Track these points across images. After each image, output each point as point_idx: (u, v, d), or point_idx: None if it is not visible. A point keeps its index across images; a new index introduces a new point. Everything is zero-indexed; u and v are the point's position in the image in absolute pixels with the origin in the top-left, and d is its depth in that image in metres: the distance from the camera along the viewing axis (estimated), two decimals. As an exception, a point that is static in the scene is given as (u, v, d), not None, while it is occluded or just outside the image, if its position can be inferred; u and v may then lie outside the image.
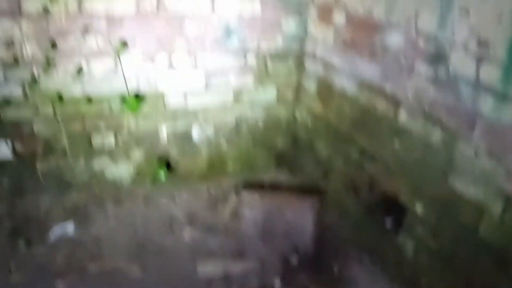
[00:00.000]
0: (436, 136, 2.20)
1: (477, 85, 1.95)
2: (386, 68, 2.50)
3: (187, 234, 2.87)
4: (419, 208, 2.35)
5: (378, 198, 2.62)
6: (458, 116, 2.06)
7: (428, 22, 2.18)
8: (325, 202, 3.01)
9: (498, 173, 1.91)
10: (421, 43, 2.23)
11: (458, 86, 2.04)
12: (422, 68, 2.24)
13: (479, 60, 1.93)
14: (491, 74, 1.88)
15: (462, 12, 1.98)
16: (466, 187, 2.07)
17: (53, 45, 2.82)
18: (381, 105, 2.56)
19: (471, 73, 1.97)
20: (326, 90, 3.12)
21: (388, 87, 2.49)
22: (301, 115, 3.48)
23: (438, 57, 2.14)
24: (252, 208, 2.81)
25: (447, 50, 2.08)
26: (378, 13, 2.52)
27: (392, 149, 2.50)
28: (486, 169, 1.96)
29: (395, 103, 2.45)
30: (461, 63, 2.02)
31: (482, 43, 1.91)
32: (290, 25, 3.22)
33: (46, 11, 2.73)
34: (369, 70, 2.64)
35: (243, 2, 3.05)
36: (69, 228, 2.87)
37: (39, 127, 2.98)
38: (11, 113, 2.91)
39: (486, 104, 1.92)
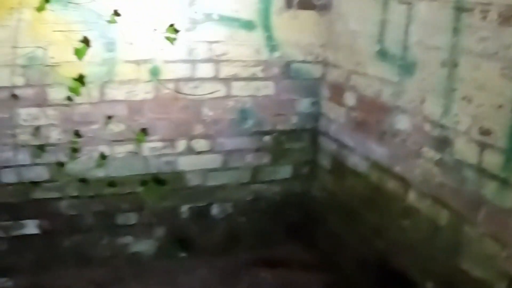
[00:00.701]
0: (443, 217, 2.37)
1: (481, 170, 2.13)
2: (394, 150, 2.71)
3: None
4: (429, 286, 2.48)
5: (388, 275, 2.75)
6: (463, 199, 2.24)
7: (433, 108, 2.40)
8: (336, 278, 3.19)
9: (501, 256, 2.08)
10: (427, 128, 2.45)
11: (463, 170, 2.24)
12: (429, 152, 2.44)
13: (482, 147, 2.13)
14: (493, 160, 2.07)
15: (464, 101, 2.20)
16: (472, 267, 2.21)
17: (77, 132, 3.13)
18: (391, 185, 2.76)
19: (474, 158, 2.17)
20: (339, 167, 3.33)
21: (397, 168, 2.70)
22: (316, 190, 3.68)
23: (443, 142, 2.35)
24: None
25: (451, 136, 2.30)
26: (386, 97, 2.77)
27: (401, 227, 2.67)
28: (490, 251, 2.11)
29: (404, 183, 2.64)
30: (464, 149, 2.22)
31: (484, 131, 2.10)
32: (303, 105, 3.49)
33: (70, 99, 3.06)
34: (379, 151, 2.86)
35: (258, 85, 3.36)
36: None
37: (64, 206, 3.22)
38: (38, 193, 3.16)
39: (490, 189, 2.09)
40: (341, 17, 3.24)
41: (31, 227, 3.23)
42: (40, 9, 2.82)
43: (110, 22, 2.94)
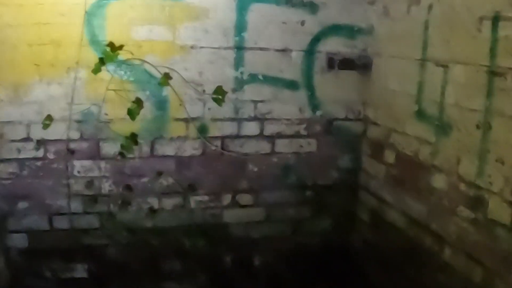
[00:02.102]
0: (477, 274, 2.63)
1: (512, 230, 2.39)
2: (431, 207, 3.02)
3: None
4: None
5: None
6: (497, 257, 2.50)
7: (468, 169, 2.70)
8: None
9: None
10: (462, 187, 2.75)
11: (496, 229, 2.52)
12: (464, 211, 2.73)
13: (514, 207, 2.38)
14: (524, 221, 2.32)
15: (498, 162, 2.50)
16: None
17: (128, 185, 3.63)
18: (428, 241, 3.05)
19: (506, 218, 2.47)
20: (378, 221, 3.65)
21: (434, 225, 3.00)
22: (355, 243, 4.02)
23: (477, 202, 2.63)
24: None
25: (485, 196, 2.59)
26: (424, 156, 3.10)
27: (437, 282, 2.94)
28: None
29: (440, 240, 2.93)
30: (498, 209, 2.50)
31: (516, 192, 2.36)
32: (344, 161, 3.88)
33: (122, 154, 3.61)
34: (416, 208, 3.17)
35: (301, 142, 3.84)
36: None
37: (112, 253, 3.68)
38: (88, 240, 3.63)
39: (521, 248, 2.33)
40: (381, 77, 3.64)
41: (80, 271, 3.69)
42: (96, 71, 3.34)
43: (161, 84, 3.48)
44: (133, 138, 3.50)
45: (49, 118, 3.37)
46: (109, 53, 3.33)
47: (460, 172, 2.79)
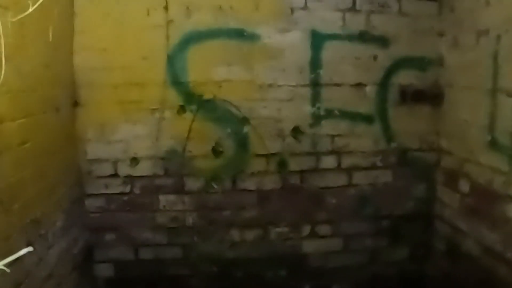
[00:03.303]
0: None
1: None
2: (506, 237, 3.23)
3: None
4: None
5: None
6: None
7: None
8: None
9: None
10: None
11: None
12: None
13: None
14: None
15: None
16: None
17: (211, 220, 4.14)
18: (502, 270, 3.25)
19: None
20: (453, 250, 3.88)
21: (509, 254, 3.21)
22: (431, 272, 4.30)
23: None
24: None
25: None
26: (498, 185, 3.31)
27: None
28: None
29: None
30: None
31: None
32: (419, 190, 4.19)
33: (205, 189, 4.12)
34: (491, 237, 3.38)
35: (377, 173, 4.19)
36: None
37: (195, 283, 4.12)
38: (172, 270, 4.11)
39: None
40: (453, 108, 3.90)
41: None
42: (180, 112, 3.88)
43: (242, 123, 3.97)
44: (215, 173, 4.06)
45: (135, 160, 3.92)
46: (191, 95, 3.83)
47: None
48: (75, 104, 3.69)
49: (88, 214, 3.91)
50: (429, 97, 4.13)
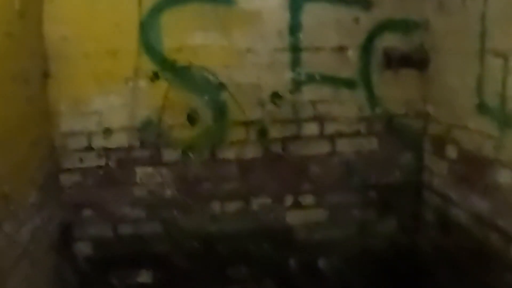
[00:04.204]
0: None
1: None
2: (497, 204, 3.15)
3: None
4: None
5: None
6: None
7: None
8: None
9: None
10: None
11: None
12: None
13: None
14: None
15: None
16: None
17: (189, 190, 4.01)
18: (494, 239, 3.16)
19: None
20: (443, 220, 3.80)
21: (500, 222, 3.12)
22: (421, 244, 4.20)
23: None
24: None
25: None
26: (488, 150, 3.23)
27: (504, 281, 3.06)
28: None
29: (507, 237, 3.04)
30: None
31: None
32: (406, 159, 4.09)
33: (183, 160, 3.94)
34: (481, 205, 3.30)
35: (361, 141, 4.05)
36: None
37: (177, 258, 4.03)
38: (152, 246, 3.99)
39: None
40: (439, 73, 3.80)
41: (145, 277, 4.05)
42: (153, 80, 3.73)
43: (220, 90, 3.83)
44: (192, 143, 3.97)
45: (109, 131, 3.82)
46: (166, 62, 3.69)
47: (527, 168, 2.73)
48: (46, 75, 3.58)
49: (63, 190, 3.81)
50: (415, 62, 3.99)
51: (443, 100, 3.80)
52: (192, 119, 3.75)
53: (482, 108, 3.31)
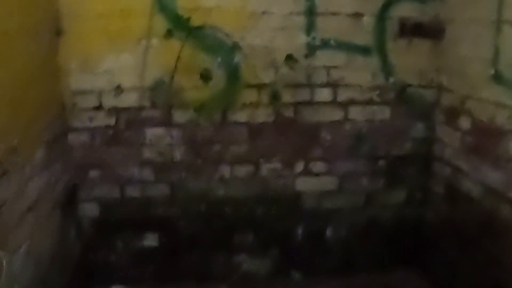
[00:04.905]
0: None
1: None
2: (509, 176, 3.14)
3: None
4: None
5: None
6: None
7: None
8: None
9: None
10: None
11: None
12: None
13: None
14: None
15: None
16: None
17: (199, 153, 3.98)
18: (505, 211, 3.16)
19: None
20: (453, 192, 3.80)
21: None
22: (429, 216, 4.21)
23: None
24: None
25: None
26: (502, 121, 3.23)
27: None
28: None
29: None
30: None
31: None
32: (418, 129, 4.07)
33: (193, 121, 3.91)
34: (493, 176, 3.29)
35: (374, 109, 4.04)
36: None
37: (184, 222, 4.01)
38: (159, 209, 3.98)
39: None
40: (454, 43, 3.79)
41: (151, 241, 4.05)
42: (167, 37, 3.68)
43: (233, 52, 3.79)
44: (204, 104, 3.91)
45: (120, 89, 3.78)
46: (179, 21, 3.66)
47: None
48: (58, 33, 3.54)
49: (71, 150, 3.79)
50: (430, 31, 3.97)
51: (457, 71, 3.77)
52: (205, 77, 3.73)
53: (497, 78, 3.28)
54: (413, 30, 3.96)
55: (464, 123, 3.73)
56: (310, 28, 3.85)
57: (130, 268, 4.05)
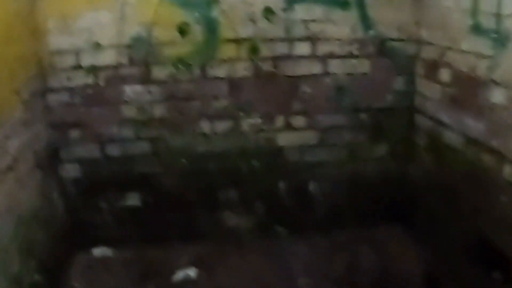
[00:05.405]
0: None
1: None
2: (490, 124, 3.14)
3: (304, 282, 3.80)
4: None
5: (487, 253, 3.19)
6: None
7: None
8: (435, 257, 3.77)
9: None
10: None
11: None
12: None
13: None
14: None
15: None
16: None
17: (180, 109, 3.95)
18: (487, 160, 3.17)
19: None
20: (435, 144, 3.82)
21: (493, 143, 3.12)
22: (413, 169, 4.22)
23: None
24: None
25: None
26: (482, 71, 3.22)
27: (498, 203, 3.08)
28: None
29: (500, 158, 3.05)
30: None
31: None
32: (399, 83, 4.07)
33: (173, 77, 3.91)
34: (475, 126, 3.30)
35: (354, 63, 4.00)
36: (192, 273, 3.79)
37: (166, 180, 4.04)
38: (140, 167, 3.98)
39: None
40: None
41: (134, 199, 4.05)
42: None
43: (211, 6, 3.74)
44: (183, 59, 3.86)
45: (99, 46, 3.75)
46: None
47: (520, 85, 2.76)
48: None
49: (51, 110, 3.79)
50: (409, -17, 3.74)
51: (437, 23, 3.75)
52: (183, 31, 3.71)
53: (476, 28, 3.27)
54: (391, -19, 3.72)
55: (445, 75, 3.71)
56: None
57: (114, 229, 4.07)
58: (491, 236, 3.14)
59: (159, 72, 3.82)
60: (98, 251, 4.02)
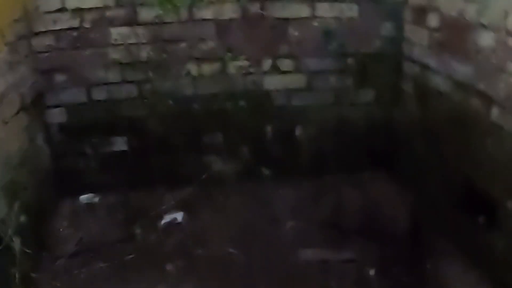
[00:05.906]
0: None
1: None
2: (478, 67, 3.15)
3: (289, 225, 3.84)
4: (509, 205, 2.89)
5: (471, 195, 3.22)
6: None
7: None
8: (420, 200, 3.82)
9: None
10: (510, 42, 2.85)
11: None
12: None
13: None
14: None
15: None
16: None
17: (166, 51, 3.91)
18: (474, 103, 3.19)
19: None
20: (422, 90, 3.84)
21: (481, 85, 3.13)
22: (399, 115, 4.25)
23: None
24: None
25: None
26: (470, 15, 3.21)
27: (484, 146, 3.11)
28: None
29: (487, 100, 3.06)
30: None
31: None
32: (387, 28, 4.06)
33: (159, 19, 3.85)
34: (462, 70, 3.31)
35: (342, 7, 3.98)
36: (179, 217, 3.86)
37: (152, 124, 4.05)
38: (127, 111, 3.99)
39: None
40: None
41: (119, 144, 4.07)
42: None
43: None
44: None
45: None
46: None
47: (509, 27, 2.87)
48: None
49: (36, 54, 3.74)
50: None
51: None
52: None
53: (466, -29, 3.08)
54: None
55: (433, 20, 3.69)
56: None
57: (100, 174, 4.10)
58: (476, 180, 3.18)
59: (146, 14, 3.79)
60: (84, 197, 4.06)
